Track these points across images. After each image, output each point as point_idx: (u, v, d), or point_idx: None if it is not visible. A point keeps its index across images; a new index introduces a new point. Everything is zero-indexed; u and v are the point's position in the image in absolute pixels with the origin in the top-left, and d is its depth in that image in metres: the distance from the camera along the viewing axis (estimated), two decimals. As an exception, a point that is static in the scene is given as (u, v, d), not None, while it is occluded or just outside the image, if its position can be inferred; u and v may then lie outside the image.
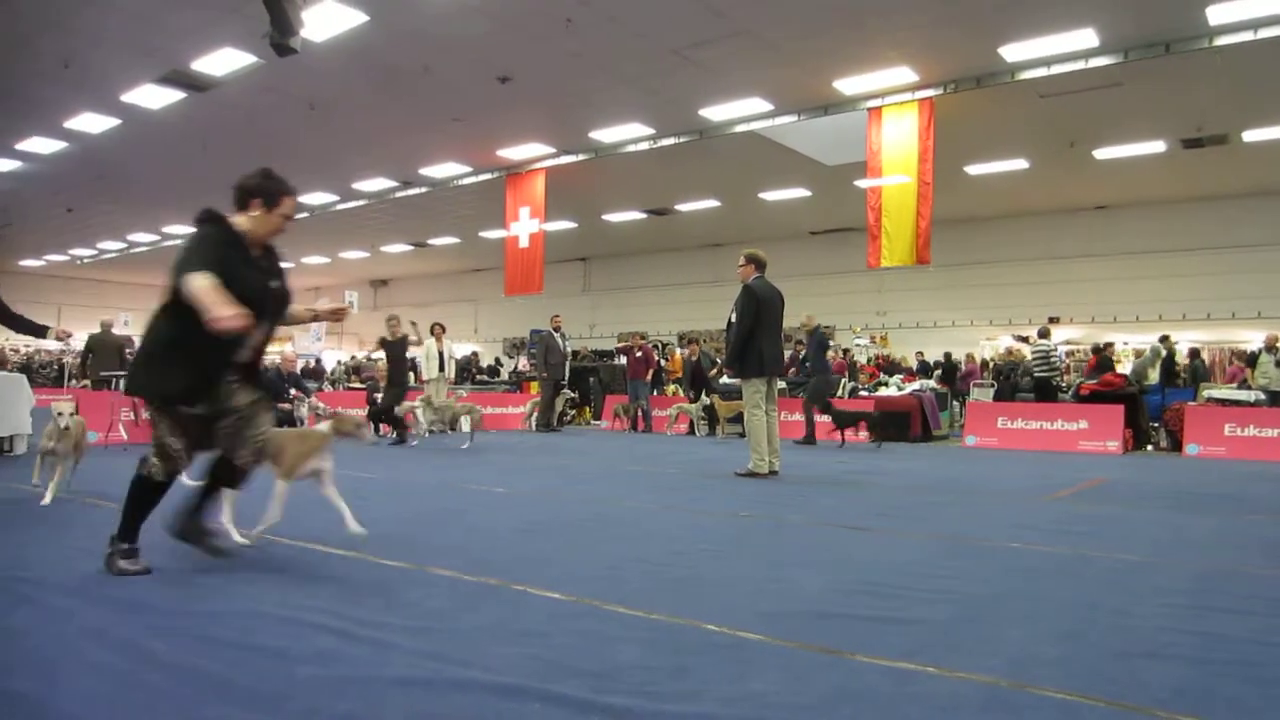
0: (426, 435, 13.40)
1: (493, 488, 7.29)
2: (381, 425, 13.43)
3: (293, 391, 12.37)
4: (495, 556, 4.28)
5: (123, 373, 13.17)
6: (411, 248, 28.71)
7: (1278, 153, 16.12)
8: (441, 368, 14.23)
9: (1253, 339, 18.40)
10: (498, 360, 28.53)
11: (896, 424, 14.34)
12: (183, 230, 26.28)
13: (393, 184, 20.46)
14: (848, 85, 13.74)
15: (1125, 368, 16.91)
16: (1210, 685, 2.54)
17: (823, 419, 13.58)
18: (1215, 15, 10.82)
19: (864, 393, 15.73)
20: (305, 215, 23.08)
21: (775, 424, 8.46)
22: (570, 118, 15.62)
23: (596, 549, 4.62)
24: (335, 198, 21.97)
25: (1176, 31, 11.41)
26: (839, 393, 16.09)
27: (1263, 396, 13.50)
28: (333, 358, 31.11)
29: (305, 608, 3.17)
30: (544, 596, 3.46)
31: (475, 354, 27.03)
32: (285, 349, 15.33)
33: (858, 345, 23.46)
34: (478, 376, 23.71)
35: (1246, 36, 11.11)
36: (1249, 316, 19.17)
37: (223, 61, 12.80)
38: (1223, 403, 13.47)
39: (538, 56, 12.73)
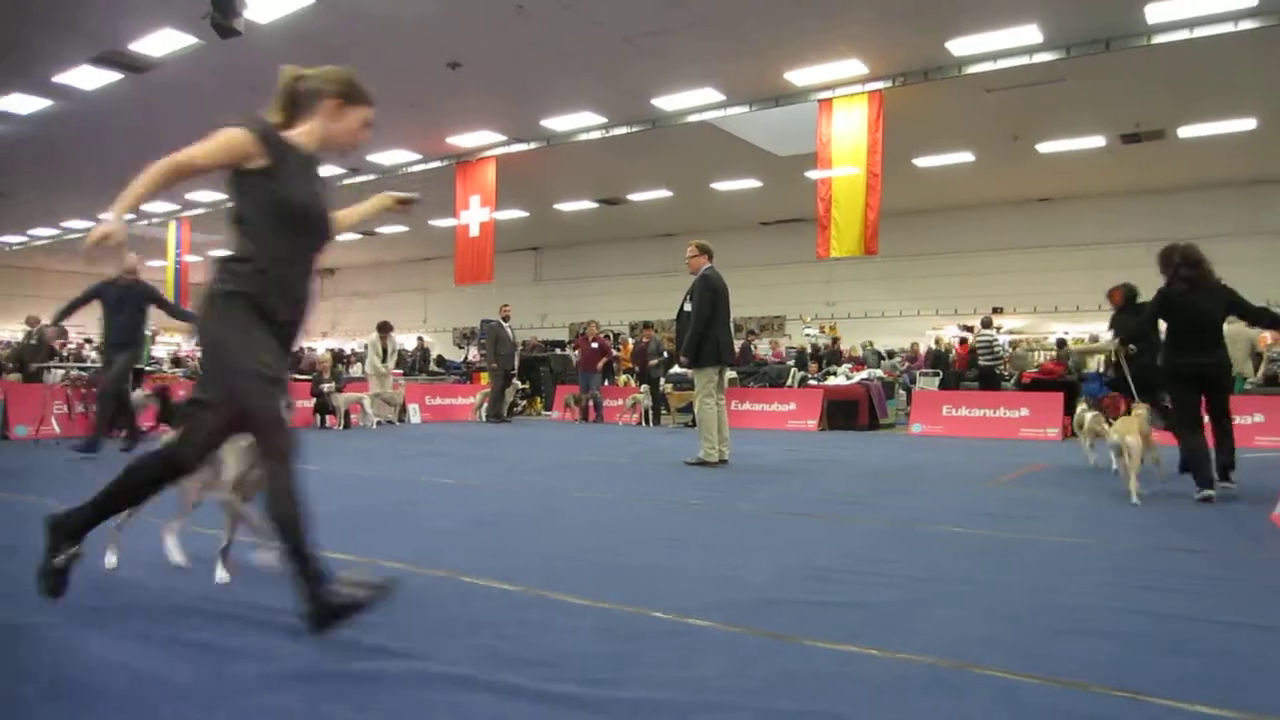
0: (375, 427, 13.30)
1: (442, 479, 7.26)
2: (329, 417, 13.28)
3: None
4: (445, 549, 4.26)
5: (55, 364, 12.85)
6: (359, 236, 28.31)
7: (1211, 148, 16.59)
8: (384, 360, 14.18)
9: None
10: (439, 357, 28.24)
11: (845, 412, 14.54)
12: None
13: (339, 171, 20.13)
14: (799, 77, 13.83)
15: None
16: (1141, 660, 2.63)
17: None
18: (1153, 14, 11.09)
19: (813, 381, 15.89)
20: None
21: (725, 413, 8.52)
22: (521, 105, 15.51)
23: (546, 539, 4.63)
24: (281, 184, 21.57)
25: (1116, 29, 11.67)
26: (789, 382, 16.27)
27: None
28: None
29: (248, 604, 3.13)
30: (494, 588, 3.46)
31: (421, 340, 26.73)
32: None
33: (807, 335, 23.69)
34: (432, 368, 23.47)
35: (1183, 35, 11.40)
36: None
37: (162, 42, 12.44)
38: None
39: (489, 43, 12.61)
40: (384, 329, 14.67)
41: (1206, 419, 6.52)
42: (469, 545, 4.41)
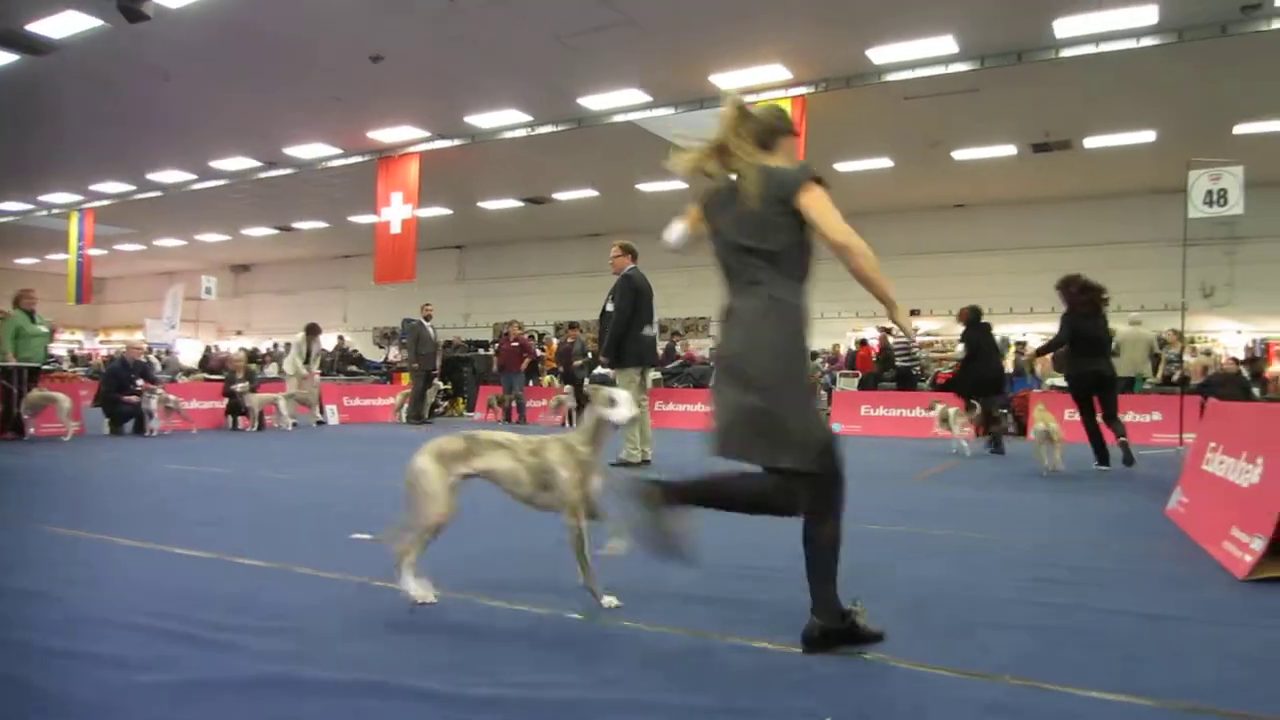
0: (290, 428, 13.00)
1: (359, 481, 7.12)
2: (241, 418, 12.90)
3: (140, 383, 11.67)
4: (360, 552, 4.18)
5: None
6: (276, 231, 27.55)
7: (1115, 158, 17.25)
8: (307, 362, 13.96)
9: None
10: (358, 357, 27.73)
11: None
12: (19, 207, 24.57)
13: (255, 164, 19.58)
14: (724, 80, 13.94)
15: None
16: (1045, 650, 2.72)
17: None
18: (1061, 29, 11.49)
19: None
20: (158, 194, 21.90)
21: (647, 414, 8.54)
22: (446, 101, 15.31)
23: (465, 541, 4.55)
24: (192, 176, 20.82)
25: (1027, 42, 12.05)
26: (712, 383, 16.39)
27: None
28: (189, 348, 29.53)
29: (148, 612, 3.02)
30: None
31: (341, 340, 26.24)
32: (134, 337, 14.57)
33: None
34: (350, 368, 23.03)
35: (1089, 50, 11.84)
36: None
37: (63, 24, 11.86)
38: (1064, 390, 14.34)
39: (413, 36, 12.40)
40: (312, 331, 14.41)
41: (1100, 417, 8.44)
42: (384, 549, 4.32)
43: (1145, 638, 2.90)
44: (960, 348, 11.04)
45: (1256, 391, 14.75)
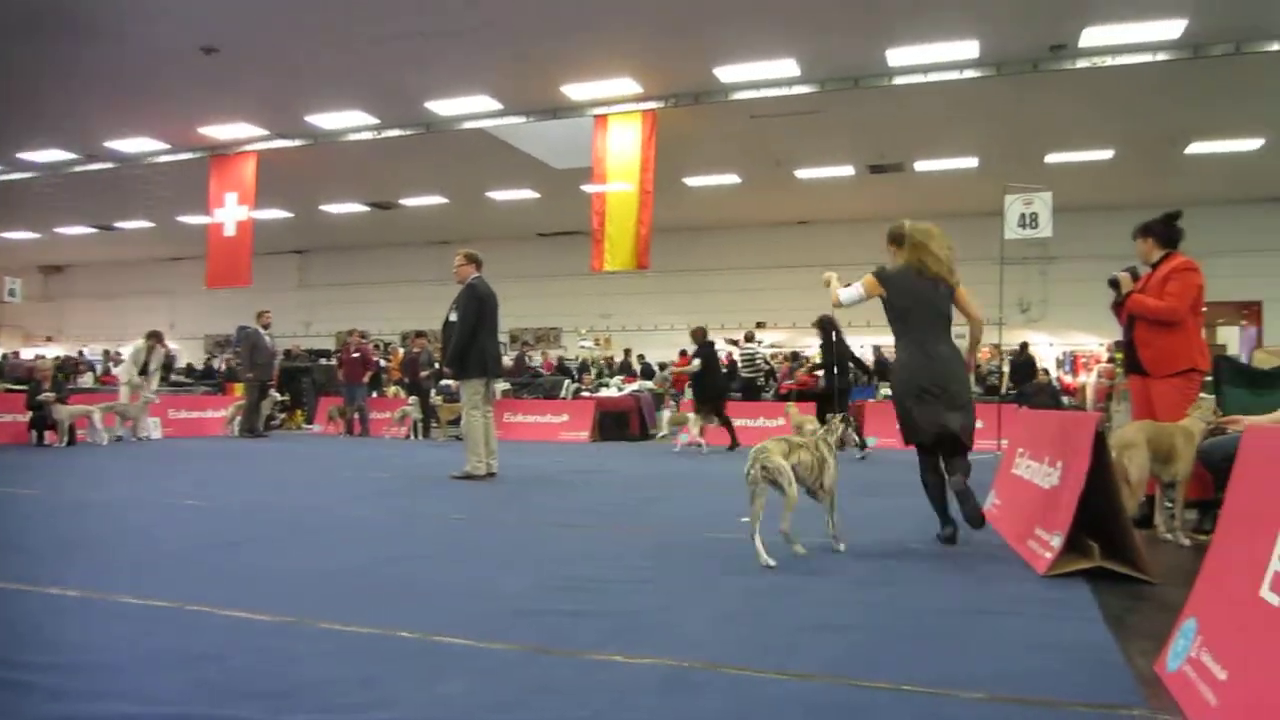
0: (105, 442, 12.14)
1: (183, 499, 6.72)
2: (48, 433, 11.88)
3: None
4: (177, 576, 3.93)
5: None
6: (94, 230, 25.66)
7: (942, 181, 18.37)
8: (144, 372, 13.07)
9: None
10: (187, 366, 26.26)
11: (616, 423, 14.82)
12: None
13: (70, 156, 18.18)
14: (575, 91, 14.02)
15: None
16: (864, 649, 2.84)
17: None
18: (894, 57, 12.16)
19: (586, 393, 16.10)
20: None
21: (492, 425, 8.45)
22: (285, 99, 14.72)
23: (295, 561, 4.38)
24: (-1, 167, 19.20)
25: (863, 68, 12.69)
26: (563, 394, 16.40)
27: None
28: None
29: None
30: (226, 616, 3.22)
31: (166, 348, 24.73)
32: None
33: (583, 347, 23.99)
34: (173, 377, 21.71)
35: (919, 79, 12.57)
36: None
37: None
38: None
39: (248, 29, 11.86)
40: (154, 338, 13.63)
41: None
42: (205, 571, 4.09)
43: (956, 632, 3.07)
44: (696, 363, 12.44)
45: (1066, 400, 15.95)
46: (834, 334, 11.55)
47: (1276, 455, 2.33)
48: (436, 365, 15.92)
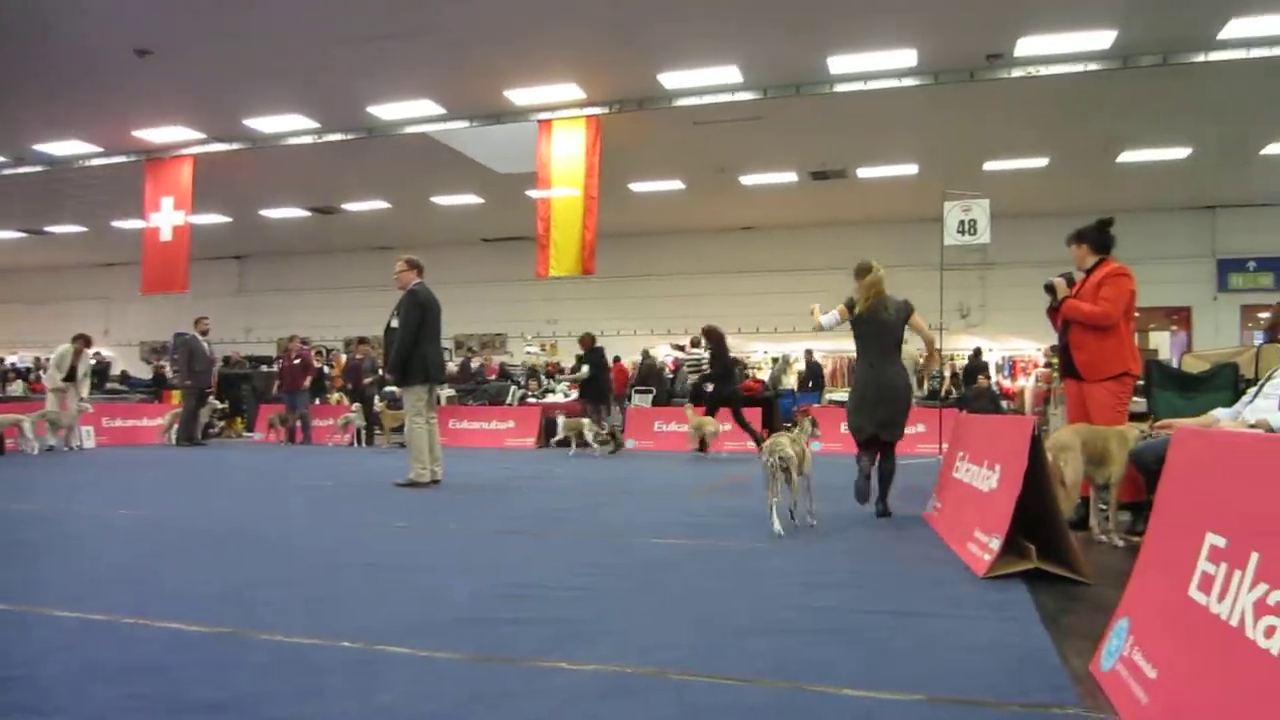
0: (36, 452, 11.78)
1: (117, 510, 6.54)
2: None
3: None
4: (111, 589, 3.83)
5: None
6: (24, 235, 24.87)
7: (883, 188, 18.62)
8: (71, 378, 12.67)
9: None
10: (123, 374, 25.57)
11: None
12: None
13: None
14: (519, 96, 13.94)
15: (764, 374, 18.76)
16: (807, 652, 2.85)
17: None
18: (835, 65, 12.30)
19: (532, 399, 16.01)
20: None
21: (436, 432, 8.36)
22: (222, 102, 14.39)
23: (235, 572, 4.29)
24: (-79, 171, 18.51)
25: (805, 76, 12.81)
26: (509, 400, 16.29)
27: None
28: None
29: None
30: (164, 628, 3.13)
31: (99, 355, 24.08)
32: None
33: (529, 353, 23.85)
34: (114, 385, 21.12)
35: (859, 86, 12.74)
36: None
37: None
38: (841, 404, 15.32)
39: (183, 31, 11.58)
40: (80, 340, 13.21)
41: None
42: (141, 582, 3.98)
43: (897, 634, 3.10)
44: (585, 369, 13.37)
45: (1006, 404, 16.28)
46: (722, 343, 12.61)
47: (1203, 458, 2.39)
48: (380, 372, 15.72)
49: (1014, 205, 17.53)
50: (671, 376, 18.66)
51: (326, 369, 18.58)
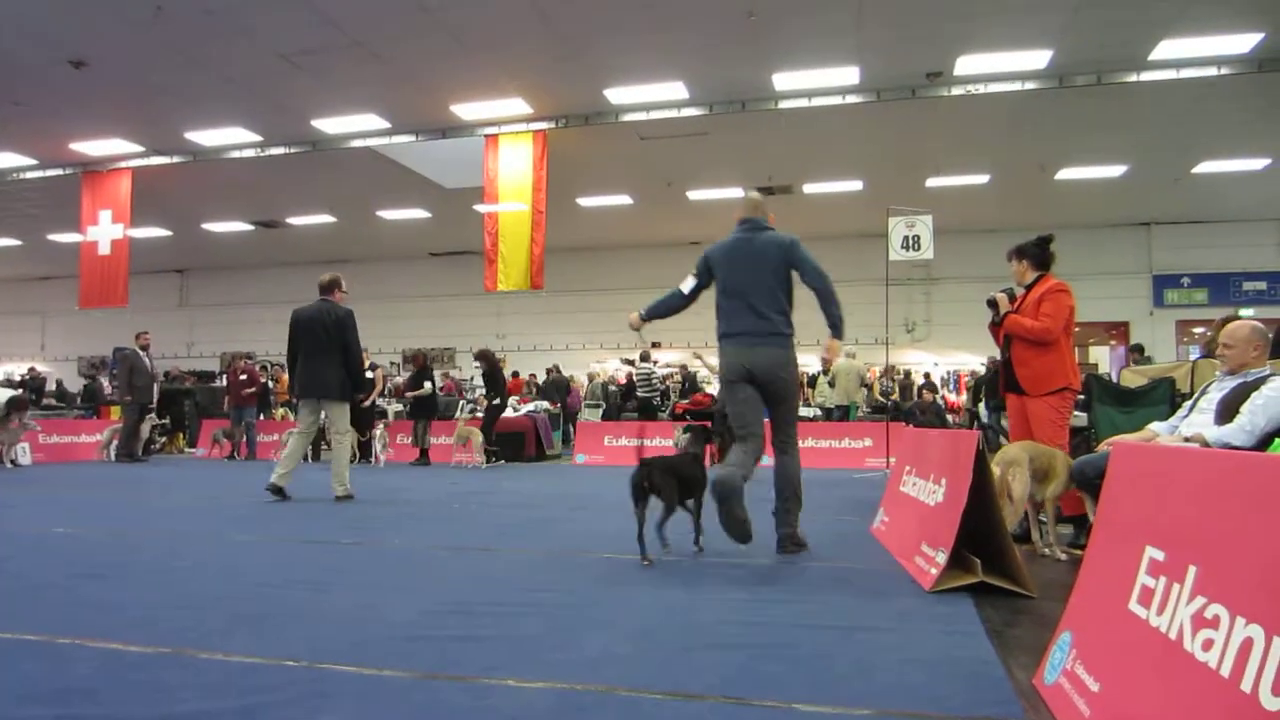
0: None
1: (52, 528, 6.32)
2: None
3: None
4: (40, 607, 3.69)
5: None
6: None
7: (829, 204, 18.87)
8: None
9: (812, 363, 21.28)
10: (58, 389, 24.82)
11: (512, 444, 14.64)
12: None
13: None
14: (465, 110, 13.88)
15: (714, 389, 18.81)
16: (755, 667, 2.84)
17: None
18: (779, 81, 12.46)
19: (479, 413, 15.85)
20: None
21: (300, 444, 8.55)
22: (161, 115, 14.12)
23: (174, 590, 4.16)
24: None
25: (750, 92, 12.95)
26: (458, 415, 16.11)
27: (819, 412, 15.73)
28: None
29: None
30: (98, 648, 3.03)
31: (33, 370, 23.41)
32: None
33: (477, 367, 23.66)
34: (50, 401, 20.51)
35: (803, 103, 12.90)
36: (809, 343, 22.01)
37: None
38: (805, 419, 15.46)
39: (119, 43, 11.36)
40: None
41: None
42: (73, 601, 3.84)
43: (844, 649, 3.10)
44: (427, 385, 14.30)
45: (951, 419, 16.53)
46: (495, 364, 14.09)
47: (1142, 472, 2.43)
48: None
49: (956, 221, 17.88)
50: (622, 390, 18.68)
51: (271, 384, 18.24)
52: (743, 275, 5.65)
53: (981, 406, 16.02)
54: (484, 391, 14.95)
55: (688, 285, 6.06)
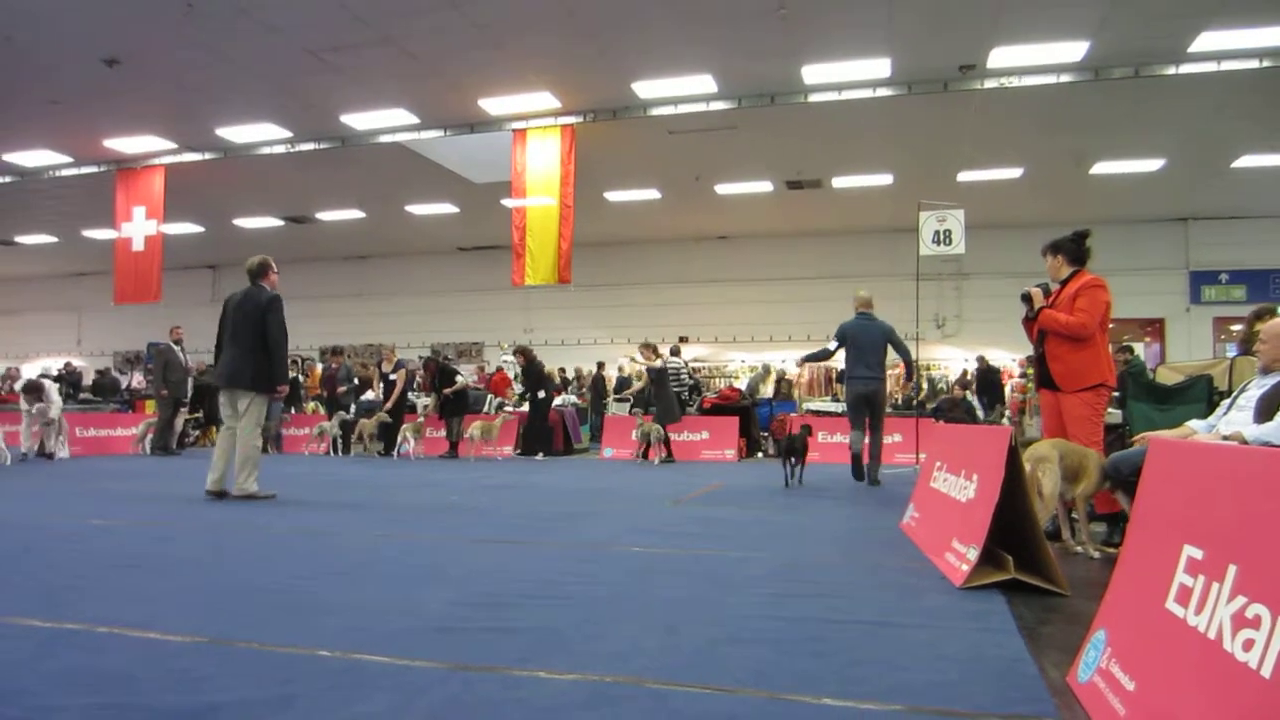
0: (8, 462, 11.61)
1: (89, 519, 6.43)
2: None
3: None
4: (84, 598, 3.75)
5: None
6: (-7, 245, 24.60)
7: (859, 198, 18.73)
8: None
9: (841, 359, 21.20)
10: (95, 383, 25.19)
11: (540, 438, 14.68)
12: None
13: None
14: (493, 105, 13.91)
15: (742, 383, 18.80)
16: (784, 662, 2.83)
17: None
18: (809, 75, 12.36)
19: (509, 407, 15.94)
20: None
21: (229, 440, 8.07)
22: (193, 112, 14.25)
23: (209, 580, 4.22)
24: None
25: (779, 85, 12.86)
26: (486, 408, 16.20)
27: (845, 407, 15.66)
28: None
29: None
30: (138, 637, 3.08)
31: (69, 364, 23.78)
32: None
33: (505, 361, 23.77)
34: (81, 395, 20.84)
35: (833, 96, 12.81)
36: (801, 340, 21.87)
37: None
38: (817, 413, 15.37)
39: (152, 41, 11.47)
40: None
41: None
42: (115, 591, 3.91)
43: (875, 644, 3.09)
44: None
45: (981, 415, 16.37)
46: (534, 359, 14.35)
47: (1180, 470, 2.39)
48: (356, 381, 15.63)
49: (988, 216, 17.68)
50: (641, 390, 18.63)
51: (301, 378, 18.43)
52: (864, 343, 9.46)
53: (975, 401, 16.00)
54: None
55: (832, 345, 9.75)
